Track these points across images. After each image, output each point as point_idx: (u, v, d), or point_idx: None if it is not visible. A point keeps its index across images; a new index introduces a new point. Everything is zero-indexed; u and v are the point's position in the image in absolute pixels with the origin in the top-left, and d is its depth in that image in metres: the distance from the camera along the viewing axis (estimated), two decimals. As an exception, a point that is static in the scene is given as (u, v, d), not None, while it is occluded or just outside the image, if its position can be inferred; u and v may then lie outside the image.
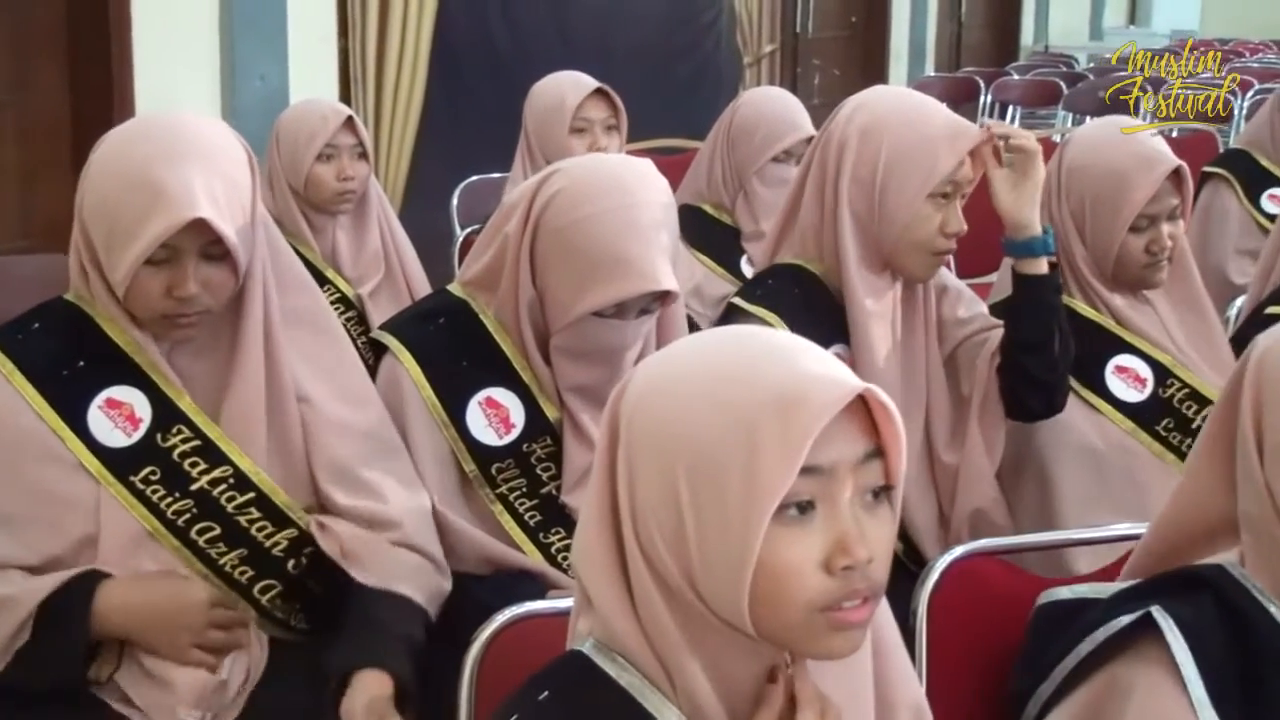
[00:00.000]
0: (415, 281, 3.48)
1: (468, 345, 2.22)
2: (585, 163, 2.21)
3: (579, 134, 3.61)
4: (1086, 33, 14.77)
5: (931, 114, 2.44)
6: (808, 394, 1.17)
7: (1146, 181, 2.50)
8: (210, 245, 1.93)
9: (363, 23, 5.66)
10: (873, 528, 1.22)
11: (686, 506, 1.19)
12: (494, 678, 1.66)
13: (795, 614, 1.19)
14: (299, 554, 2.05)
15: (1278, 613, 1.46)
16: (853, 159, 2.43)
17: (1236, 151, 4.43)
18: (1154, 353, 2.60)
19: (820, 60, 9.76)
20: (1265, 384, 1.47)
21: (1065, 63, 10.79)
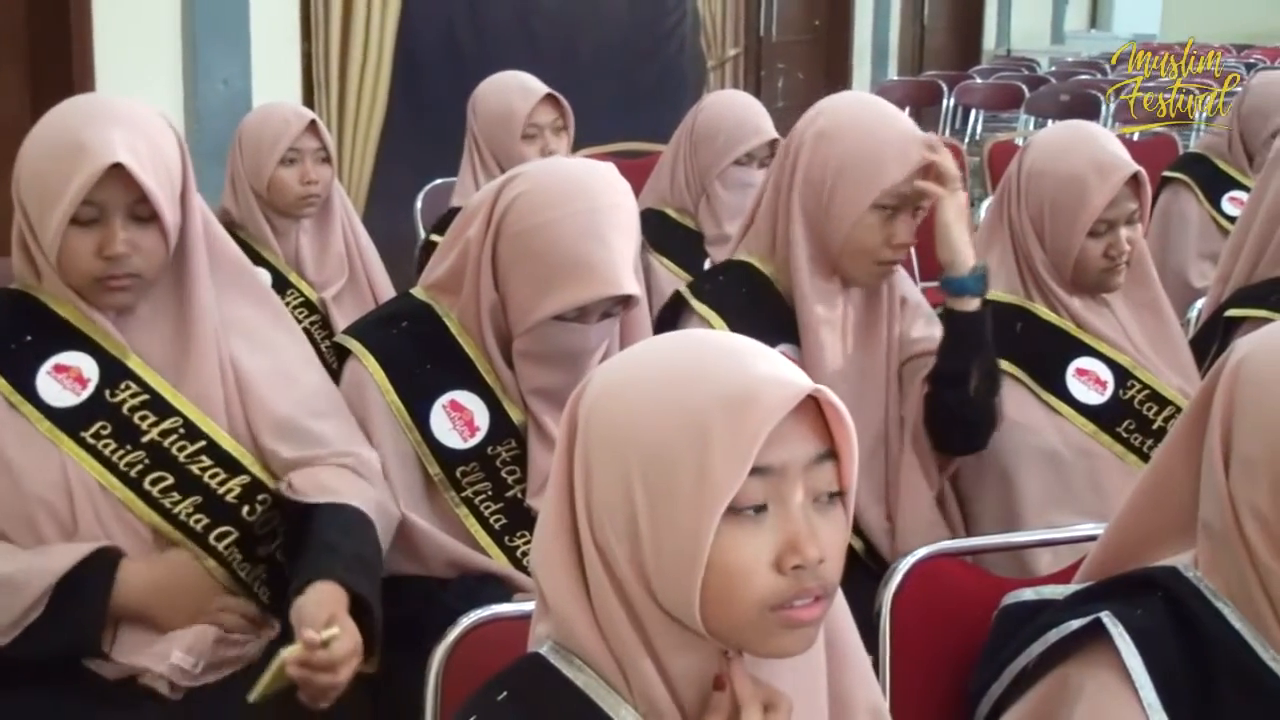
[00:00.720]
0: (379, 285, 3.48)
1: (431, 349, 2.22)
2: (547, 167, 2.21)
3: (529, 140, 3.63)
4: (1048, 36, 14.85)
5: (889, 125, 2.45)
6: (758, 394, 1.19)
7: (1104, 188, 2.51)
8: (137, 204, 1.96)
9: (326, 26, 5.64)
10: (825, 528, 1.23)
11: (640, 506, 1.21)
12: (459, 681, 1.67)
13: (746, 612, 1.21)
14: (253, 500, 2.07)
15: (1229, 613, 1.47)
16: (806, 160, 2.45)
17: (1195, 155, 4.46)
18: (1114, 355, 2.61)
19: (784, 64, 9.78)
20: (1239, 394, 1.48)
21: (1027, 66, 10.84)
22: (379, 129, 5.92)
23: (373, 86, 5.89)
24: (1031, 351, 2.59)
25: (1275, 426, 1.43)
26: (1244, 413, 1.46)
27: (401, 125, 5.95)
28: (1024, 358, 2.58)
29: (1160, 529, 1.57)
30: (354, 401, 2.21)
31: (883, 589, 1.86)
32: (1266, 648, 1.45)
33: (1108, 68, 10.73)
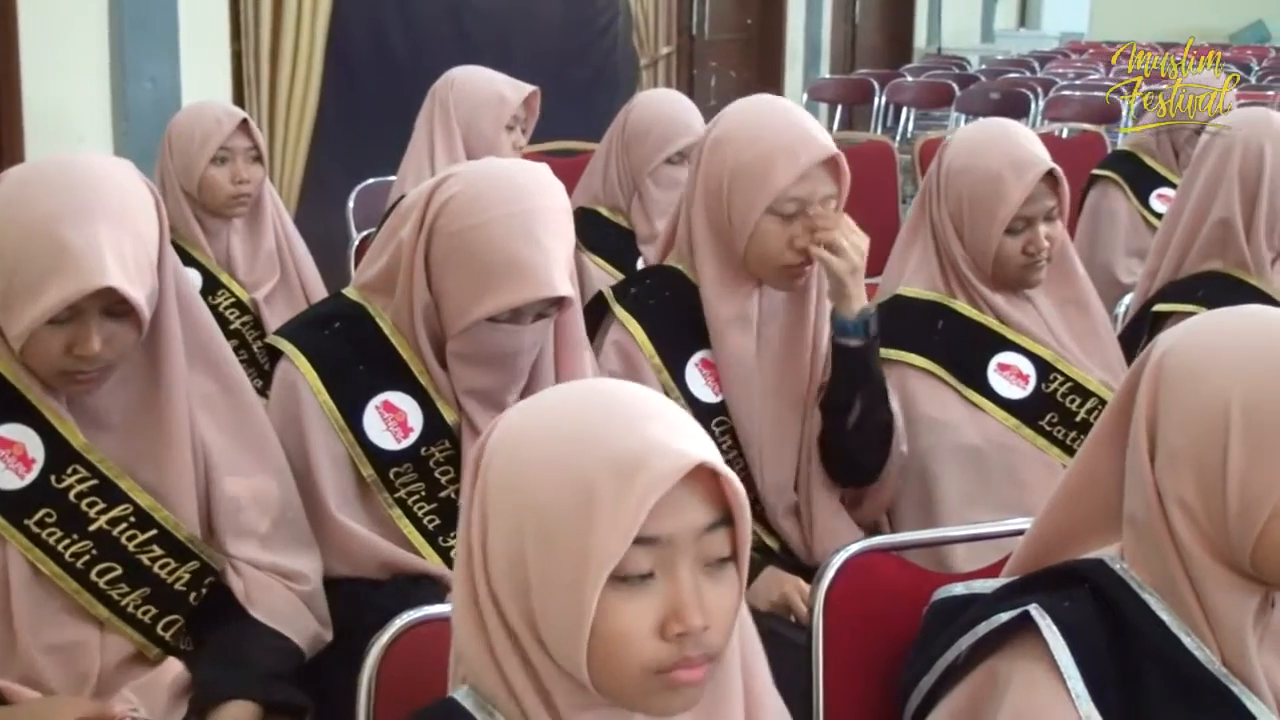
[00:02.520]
0: (311, 285, 3.47)
1: (364, 349, 2.21)
2: (480, 168, 2.20)
3: (509, 130, 3.72)
4: (978, 35, 14.95)
5: (780, 127, 2.43)
6: (646, 463, 1.17)
7: (1020, 185, 2.54)
8: (115, 304, 1.87)
9: (256, 24, 5.60)
10: (713, 594, 1.23)
11: (531, 566, 1.20)
12: (393, 682, 1.66)
13: (630, 676, 1.21)
14: (200, 585, 2.02)
15: (1155, 604, 1.49)
16: (705, 170, 2.46)
17: (1123, 153, 4.51)
18: (1035, 349, 2.64)
19: (717, 62, 9.80)
20: (1163, 387, 1.50)
21: (958, 64, 10.92)
22: (310, 128, 5.88)
23: (304, 85, 5.85)
24: (953, 349, 2.62)
25: (1199, 419, 1.45)
26: (1168, 406, 1.48)
27: (333, 124, 5.92)
28: (945, 355, 2.61)
29: (1086, 522, 1.59)
30: (286, 403, 2.19)
31: (815, 585, 1.86)
32: (1191, 636, 1.48)
33: (1037, 65, 10.82)
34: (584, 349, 2.29)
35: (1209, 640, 1.47)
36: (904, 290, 2.67)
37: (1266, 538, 1.42)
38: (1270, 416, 1.41)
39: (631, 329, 2.48)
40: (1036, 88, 8.36)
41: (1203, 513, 1.45)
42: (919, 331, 2.60)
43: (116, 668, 1.97)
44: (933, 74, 9.74)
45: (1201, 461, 1.45)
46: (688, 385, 2.48)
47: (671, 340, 2.50)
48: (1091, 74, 10.10)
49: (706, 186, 2.45)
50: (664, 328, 2.49)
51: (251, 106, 5.54)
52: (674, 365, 2.48)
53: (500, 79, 3.82)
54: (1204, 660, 1.47)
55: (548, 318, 2.16)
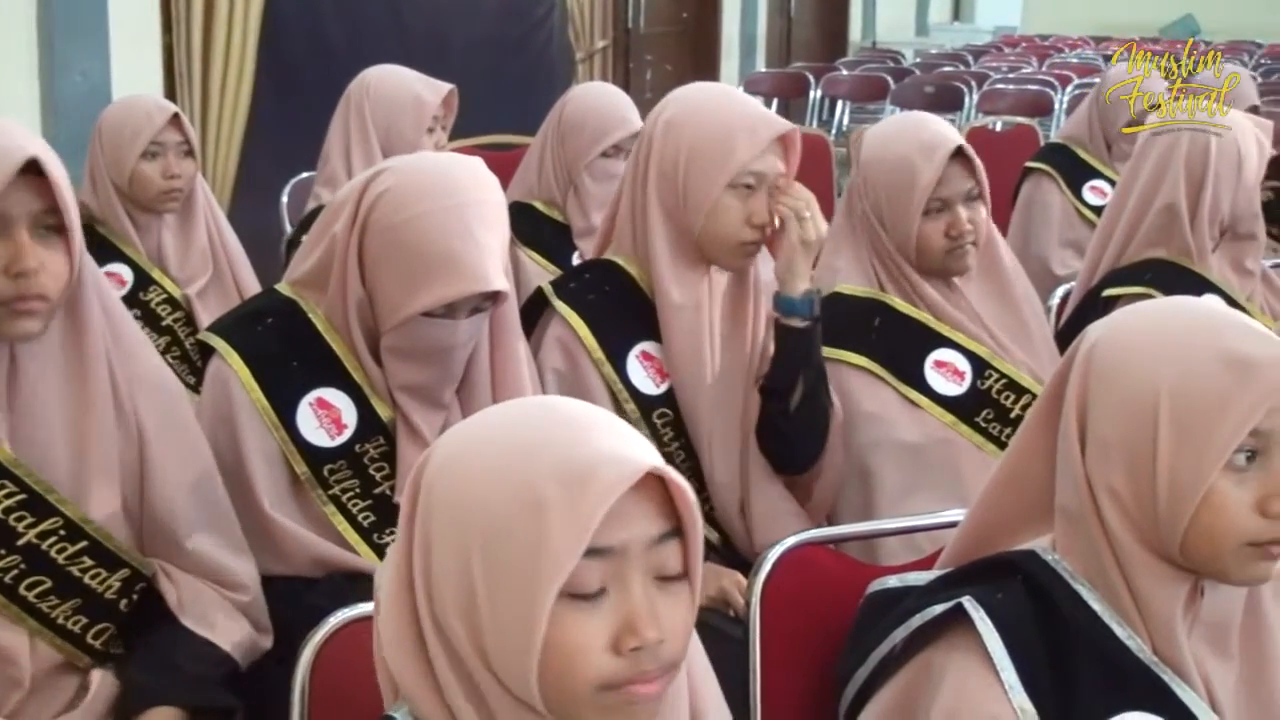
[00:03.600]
0: (244, 281, 3.44)
1: (297, 345, 2.19)
2: (414, 161, 2.19)
3: (429, 132, 3.66)
4: (913, 29, 15.06)
5: (735, 106, 2.46)
6: (596, 472, 1.16)
7: (930, 166, 2.57)
8: (44, 214, 1.83)
9: (187, 17, 5.55)
10: (667, 608, 1.21)
11: (478, 583, 1.18)
12: (327, 680, 1.65)
13: (583, 694, 1.18)
14: (130, 593, 2.00)
15: (1086, 594, 1.50)
16: (658, 152, 2.46)
17: (1056, 145, 4.56)
18: (971, 345, 2.66)
19: (652, 55, 9.81)
20: (1093, 376, 1.51)
21: (892, 58, 10.99)
22: (244, 122, 5.83)
23: (237, 79, 5.81)
24: (889, 345, 2.62)
25: (1128, 408, 1.46)
26: (1098, 396, 1.50)
27: (267, 118, 5.87)
28: (882, 352, 2.62)
29: (1019, 513, 1.60)
30: (218, 401, 2.17)
31: (752, 578, 1.86)
32: (1123, 625, 1.49)
33: (971, 59, 10.90)
34: (519, 343, 2.28)
35: (1140, 629, 1.49)
36: (841, 288, 2.67)
37: (1195, 526, 1.44)
38: (1198, 405, 1.43)
39: (572, 322, 2.48)
40: (970, 81, 8.43)
41: (1133, 502, 1.46)
42: (856, 329, 2.61)
43: (47, 674, 1.94)
44: (868, 68, 9.79)
45: (1131, 451, 1.46)
46: (629, 377, 2.48)
47: (612, 333, 2.49)
48: (1024, 67, 10.20)
49: (660, 170, 2.45)
50: (604, 320, 2.49)
51: (183, 100, 5.49)
52: (615, 358, 2.48)
53: (416, 80, 3.73)
54: (1135, 650, 1.48)
55: (483, 312, 2.15)
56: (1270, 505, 1.43)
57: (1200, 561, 1.46)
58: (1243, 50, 12.77)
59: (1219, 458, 1.42)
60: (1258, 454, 1.44)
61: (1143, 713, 1.47)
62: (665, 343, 2.48)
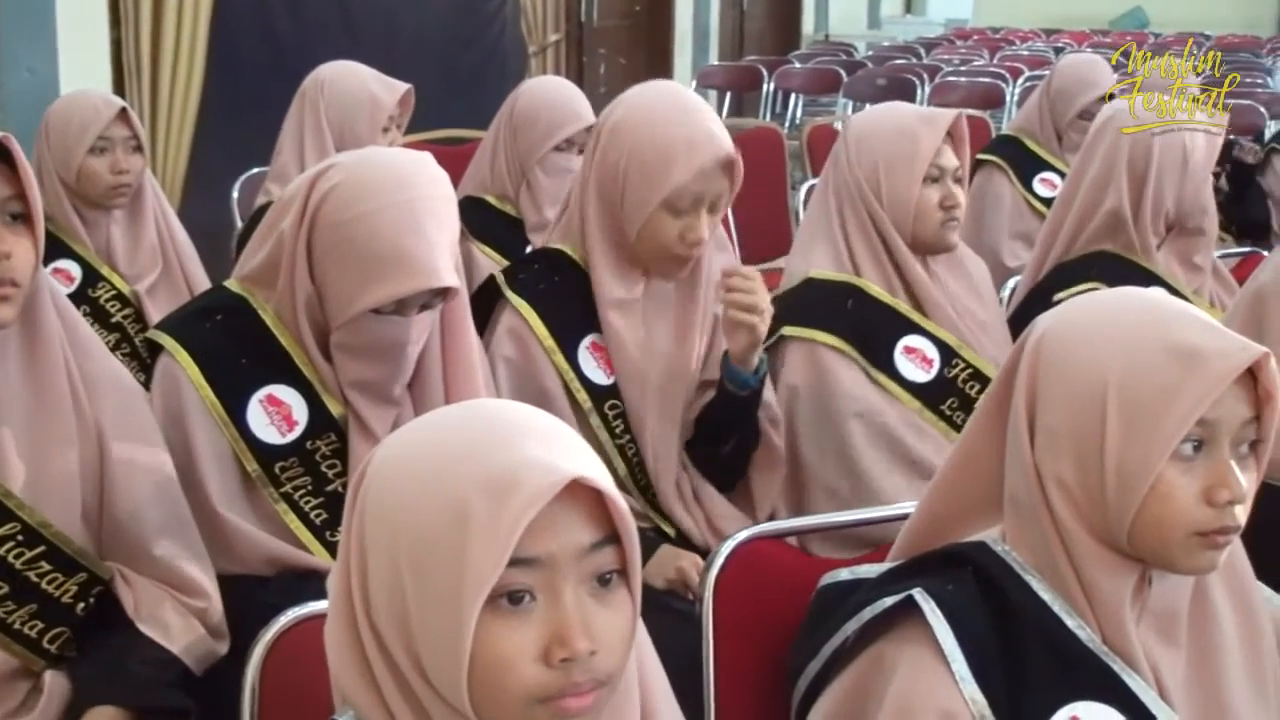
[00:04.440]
0: (194, 277, 3.42)
1: (247, 342, 2.17)
2: (363, 157, 2.18)
3: (385, 132, 3.65)
4: (865, 21, 15.10)
5: (681, 123, 2.42)
6: (519, 481, 1.13)
7: (931, 131, 2.62)
8: (10, 200, 1.83)
9: (136, 11, 5.49)
10: (601, 617, 1.18)
11: (409, 593, 1.16)
12: (278, 678, 1.64)
13: (513, 706, 1.17)
14: (88, 596, 1.98)
15: (1036, 584, 1.51)
16: (601, 156, 2.46)
17: (1007, 138, 4.59)
18: (940, 333, 2.67)
19: (605, 49, 9.79)
20: (1041, 367, 1.52)
21: (845, 51, 11.01)
22: (194, 117, 5.78)
23: (186, 73, 5.75)
24: (861, 328, 2.64)
25: (1077, 399, 1.48)
26: (1047, 386, 1.51)
27: (217, 113, 5.83)
28: (855, 334, 2.63)
29: (969, 504, 1.61)
30: (168, 399, 2.15)
31: (706, 571, 1.87)
32: (1073, 615, 1.50)
33: (923, 52, 10.94)
34: (471, 338, 2.27)
35: (1090, 619, 1.50)
36: (814, 274, 2.68)
37: (1143, 515, 1.45)
38: (1146, 396, 1.44)
39: (525, 313, 2.47)
40: (922, 74, 8.45)
41: (1081, 491, 1.47)
42: (830, 310, 2.63)
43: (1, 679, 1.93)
44: (820, 60, 9.81)
45: (1079, 441, 1.47)
46: (581, 368, 2.47)
47: (563, 323, 2.49)
48: (976, 60, 10.24)
49: (602, 172, 2.45)
50: (555, 311, 2.49)
51: (132, 95, 5.44)
52: (567, 348, 2.47)
53: (372, 78, 3.71)
54: (1085, 639, 1.49)
55: (433, 308, 2.14)
56: (1216, 495, 1.44)
57: (1148, 551, 1.47)
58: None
59: (1166, 447, 1.43)
60: (1204, 444, 1.45)
61: (1093, 702, 1.48)
62: (606, 339, 2.48)
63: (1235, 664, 1.57)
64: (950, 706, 1.45)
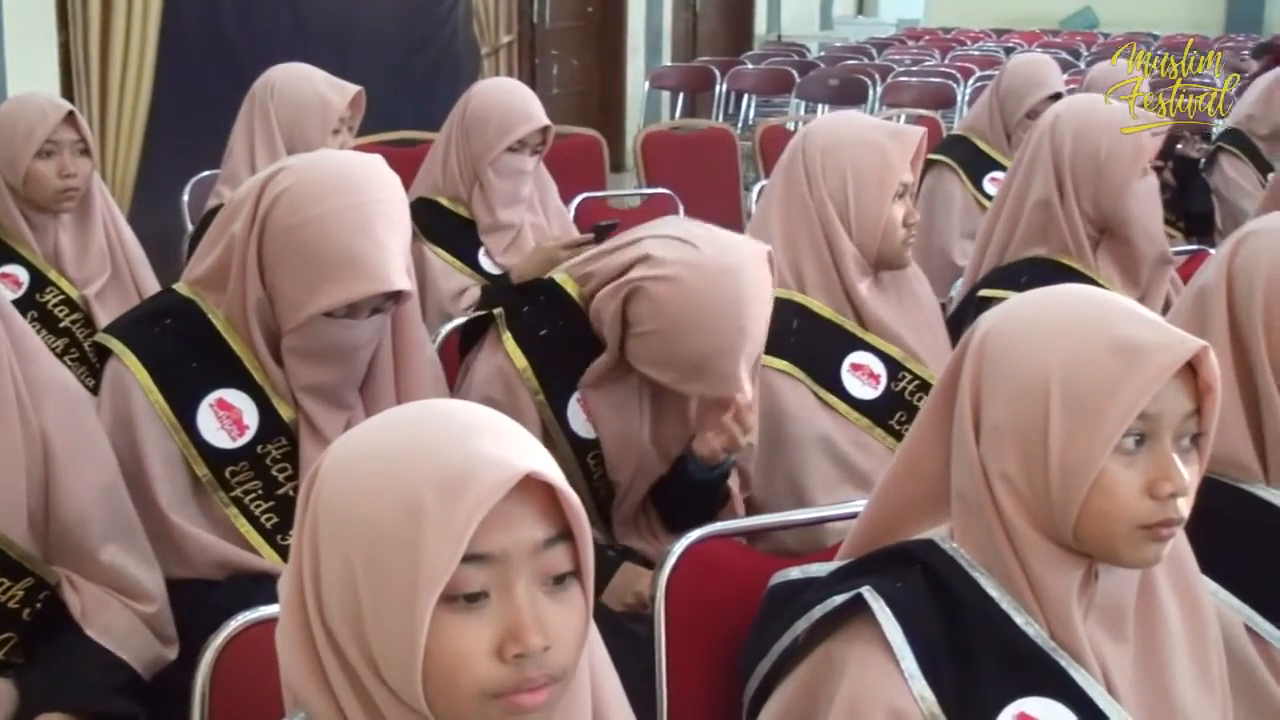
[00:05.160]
0: (143, 281, 3.39)
1: (196, 346, 2.16)
2: (314, 160, 2.17)
3: (335, 134, 3.63)
4: (817, 22, 15.14)
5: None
6: (473, 477, 1.14)
7: (901, 149, 2.61)
8: None
9: (84, 14, 5.45)
10: (554, 613, 1.19)
11: (362, 589, 1.17)
12: (228, 682, 1.64)
13: (468, 702, 1.17)
14: (34, 601, 1.96)
15: (984, 582, 1.52)
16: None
17: (957, 138, 4.60)
18: (886, 348, 2.67)
19: (558, 50, 9.78)
20: (985, 365, 1.53)
21: (797, 52, 11.04)
22: (144, 119, 5.74)
23: (136, 76, 5.71)
24: (807, 349, 2.62)
25: (1021, 395, 1.49)
26: (991, 383, 1.52)
27: (168, 115, 5.79)
28: (800, 355, 2.62)
29: (917, 502, 1.62)
30: (117, 403, 2.14)
31: (657, 572, 1.87)
32: (1020, 611, 1.51)
33: (875, 52, 10.98)
34: (422, 341, 2.27)
35: (1037, 615, 1.51)
36: None
37: (1088, 509, 1.46)
38: (1088, 391, 1.45)
39: (516, 361, 2.36)
40: (874, 74, 8.49)
41: (1026, 487, 1.49)
42: (777, 332, 2.59)
43: None
44: (773, 61, 9.83)
45: (1024, 436, 1.48)
46: (569, 422, 2.38)
47: (557, 375, 2.38)
48: (928, 60, 10.29)
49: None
50: (550, 361, 2.38)
51: (81, 98, 5.41)
52: (556, 401, 2.38)
53: (322, 80, 3.70)
54: (1033, 635, 1.50)
55: (384, 311, 2.14)
56: (1159, 488, 1.46)
57: (1093, 544, 1.48)
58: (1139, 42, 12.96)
59: (1109, 441, 1.44)
60: (1146, 438, 1.47)
61: (1041, 697, 1.49)
62: (590, 411, 2.38)
63: (1182, 657, 1.58)
64: (900, 704, 1.46)
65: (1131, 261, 3.00)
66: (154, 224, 4.25)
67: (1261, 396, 1.79)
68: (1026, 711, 1.48)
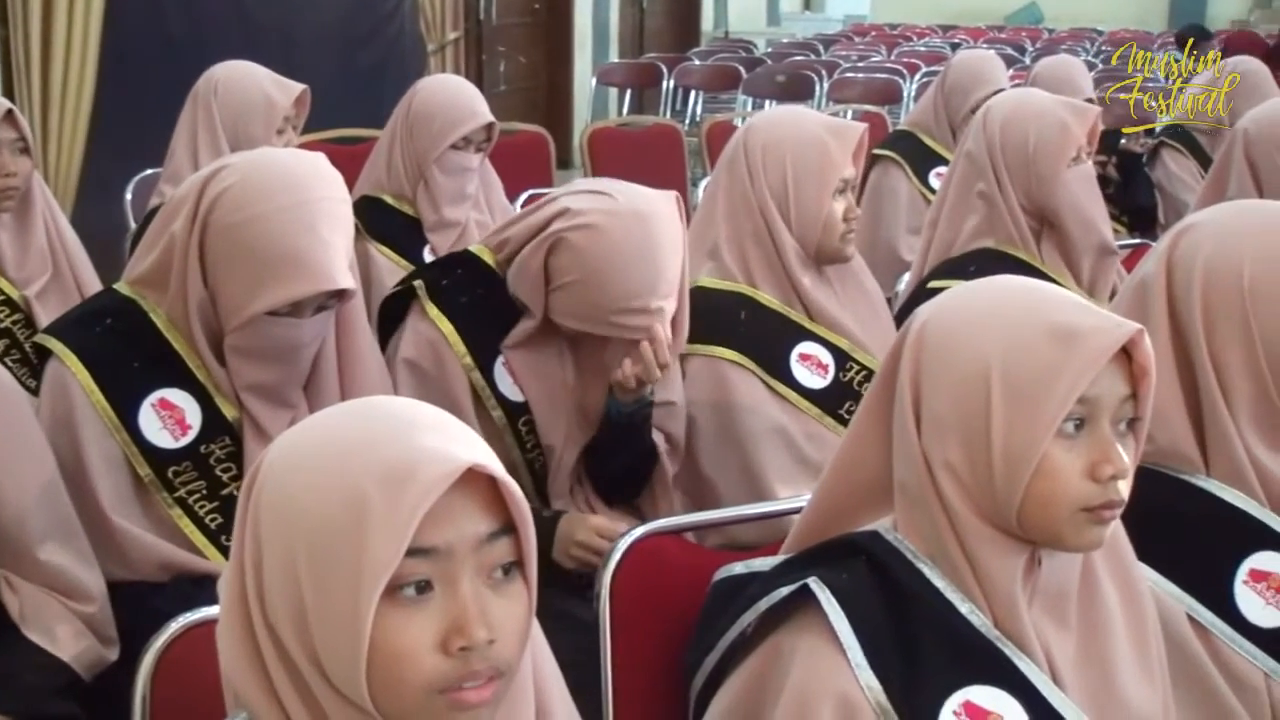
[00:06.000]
0: (85, 281, 3.35)
1: (137, 346, 2.15)
2: (255, 159, 2.16)
3: (280, 134, 3.62)
4: (764, 19, 15.18)
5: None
6: (416, 471, 1.15)
7: (842, 145, 2.62)
8: None
9: (24, 9, 5.39)
10: (498, 607, 1.20)
11: (305, 585, 1.17)
12: (170, 685, 1.63)
13: (413, 697, 1.18)
14: None
15: (929, 572, 1.53)
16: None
17: (903, 133, 4.62)
18: (833, 338, 2.68)
19: (505, 47, 9.76)
20: (924, 356, 1.54)
21: (744, 48, 11.05)
22: (87, 117, 5.69)
23: (79, 73, 5.66)
24: (756, 339, 2.63)
25: (961, 383, 1.50)
26: (931, 373, 1.53)
27: (111, 113, 5.74)
28: (751, 345, 2.63)
29: (860, 494, 1.63)
30: (57, 405, 2.12)
31: (601, 570, 1.87)
32: (965, 600, 1.52)
33: (821, 48, 11.01)
34: (366, 338, 2.26)
35: (981, 604, 1.52)
36: (704, 282, 2.67)
37: (1031, 495, 1.47)
38: (1028, 376, 1.47)
39: (442, 326, 2.41)
40: (821, 70, 8.51)
41: (969, 475, 1.50)
42: (725, 323, 2.61)
43: None
44: (720, 57, 9.84)
45: (966, 425, 1.49)
46: (497, 385, 2.42)
47: (482, 339, 2.43)
48: (874, 56, 10.33)
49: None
50: (475, 327, 2.43)
51: (22, 95, 5.35)
52: (484, 364, 2.42)
53: (267, 79, 3.68)
54: (977, 624, 1.51)
55: (328, 310, 2.13)
56: (1100, 470, 1.48)
57: (1037, 529, 1.49)
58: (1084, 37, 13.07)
59: (1051, 425, 1.46)
60: (1085, 421, 1.49)
61: (986, 686, 1.50)
62: (516, 374, 2.42)
63: (1122, 643, 1.60)
64: (847, 690, 1.46)
65: (1072, 251, 3.00)
66: (98, 223, 4.21)
67: (1201, 388, 1.80)
68: (972, 700, 1.49)
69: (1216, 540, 1.80)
